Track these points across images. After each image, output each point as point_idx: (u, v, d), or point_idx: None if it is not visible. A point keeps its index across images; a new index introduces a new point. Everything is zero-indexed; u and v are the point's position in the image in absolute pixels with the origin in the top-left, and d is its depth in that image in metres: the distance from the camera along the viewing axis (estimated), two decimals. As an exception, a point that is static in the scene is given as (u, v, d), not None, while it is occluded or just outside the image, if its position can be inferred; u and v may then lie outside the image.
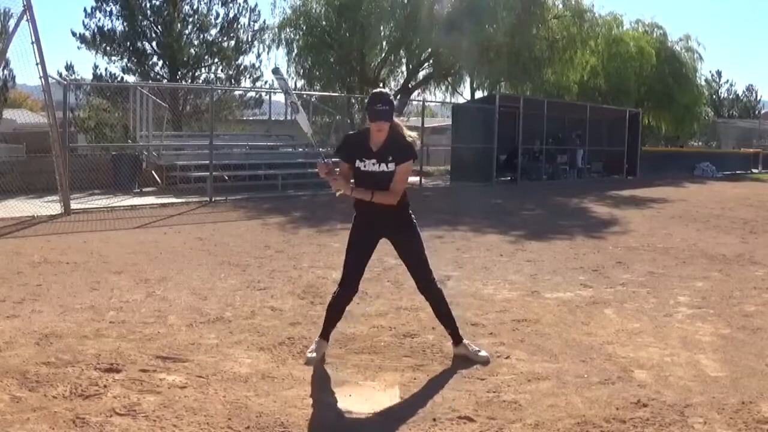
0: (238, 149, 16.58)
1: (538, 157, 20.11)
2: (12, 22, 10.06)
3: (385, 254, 7.22)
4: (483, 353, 3.88)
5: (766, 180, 24.42)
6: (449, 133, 21.40)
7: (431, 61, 21.92)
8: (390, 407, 3.24)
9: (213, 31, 24.04)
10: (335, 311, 3.89)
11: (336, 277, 6.09)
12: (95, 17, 22.80)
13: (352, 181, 3.79)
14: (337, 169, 3.77)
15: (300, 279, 5.97)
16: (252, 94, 24.71)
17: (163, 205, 11.50)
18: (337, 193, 3.78)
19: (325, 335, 3.90)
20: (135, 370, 3.56)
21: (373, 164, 3.69)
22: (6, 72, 21.57)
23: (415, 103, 21.29)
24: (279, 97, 22.47)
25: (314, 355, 3.81)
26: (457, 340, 3.94)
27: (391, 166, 3.68)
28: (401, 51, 21.40)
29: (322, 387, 3.44)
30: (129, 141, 15.06)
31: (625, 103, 23.56)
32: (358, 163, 3.73)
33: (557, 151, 21.03)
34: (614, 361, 3.88)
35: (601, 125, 22.84)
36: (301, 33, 20.58)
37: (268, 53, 36.67)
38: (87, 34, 22.85)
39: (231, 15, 23.97)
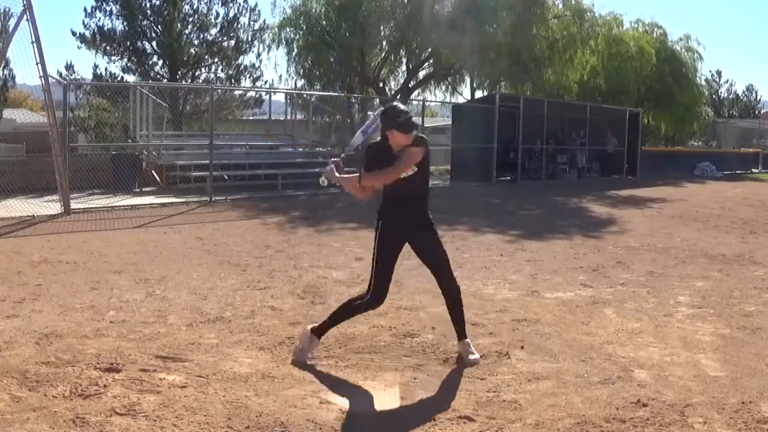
0: (237, 149, 16.59)
1: (538, 157, 20.12)
2: (12, 22, 10.04)
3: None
4: (473, 356, 3.84)
5: (766, 180, 24.41)
6: (449, 133, 21.41)
7: (431, 61, 21.93)
8: (390, 407, 3.24)
9: (213, 31, 24.12)
10: (347, 317, 3.92)
11: (336, 276, 6.13)
12: (95, 17, 22.88)
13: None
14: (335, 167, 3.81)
15: (300, 279, 5.97)
16: (252, 93, 24.76)
17: (163, 204, 11.49)
18: (324, 182, 3.87)
19: (322, 334, 3.88)
20: (135, 370, 3.55)
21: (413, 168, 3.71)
22: (6, 72, 21.58)
23: (415, 102, 21.30)
24: (279, 97, 22.61)
25: (309, 355, 3.80)
26: (461, 336, 3.93)
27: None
28: (401, 51, 21.42)
29: (322, 387, 3.44)
30: (129, 141, 15.05)
31: (625, 102, 23.56)
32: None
33: (557, 151, 21.03)
34: (614, 361, 3.88)
35: (602, 125, 22.84)
36: (301, 33, 20.58)
37: (268, 53, 36.76)
38: (87, 33, 22.93)
39: (231, 15, 24.05)
